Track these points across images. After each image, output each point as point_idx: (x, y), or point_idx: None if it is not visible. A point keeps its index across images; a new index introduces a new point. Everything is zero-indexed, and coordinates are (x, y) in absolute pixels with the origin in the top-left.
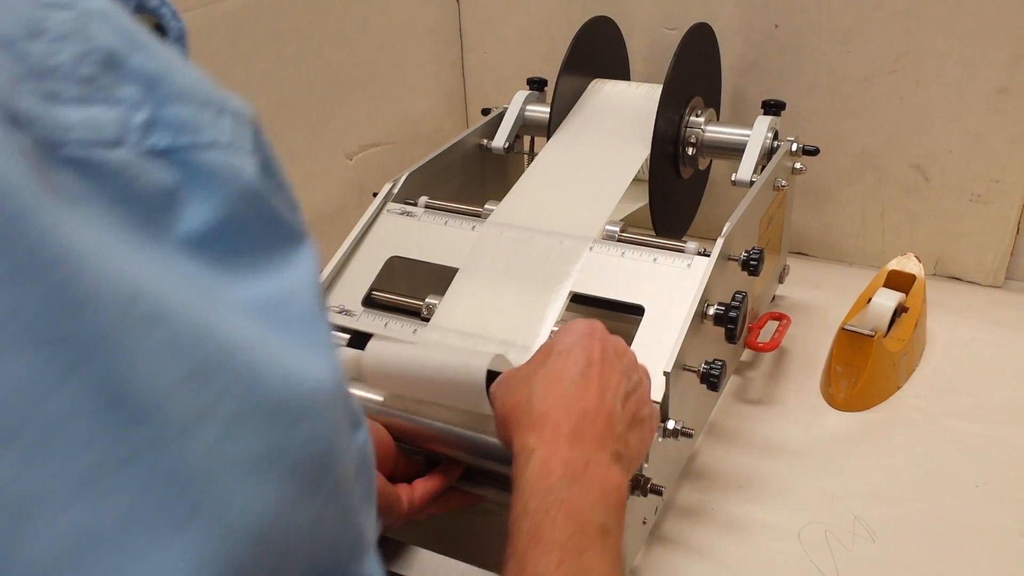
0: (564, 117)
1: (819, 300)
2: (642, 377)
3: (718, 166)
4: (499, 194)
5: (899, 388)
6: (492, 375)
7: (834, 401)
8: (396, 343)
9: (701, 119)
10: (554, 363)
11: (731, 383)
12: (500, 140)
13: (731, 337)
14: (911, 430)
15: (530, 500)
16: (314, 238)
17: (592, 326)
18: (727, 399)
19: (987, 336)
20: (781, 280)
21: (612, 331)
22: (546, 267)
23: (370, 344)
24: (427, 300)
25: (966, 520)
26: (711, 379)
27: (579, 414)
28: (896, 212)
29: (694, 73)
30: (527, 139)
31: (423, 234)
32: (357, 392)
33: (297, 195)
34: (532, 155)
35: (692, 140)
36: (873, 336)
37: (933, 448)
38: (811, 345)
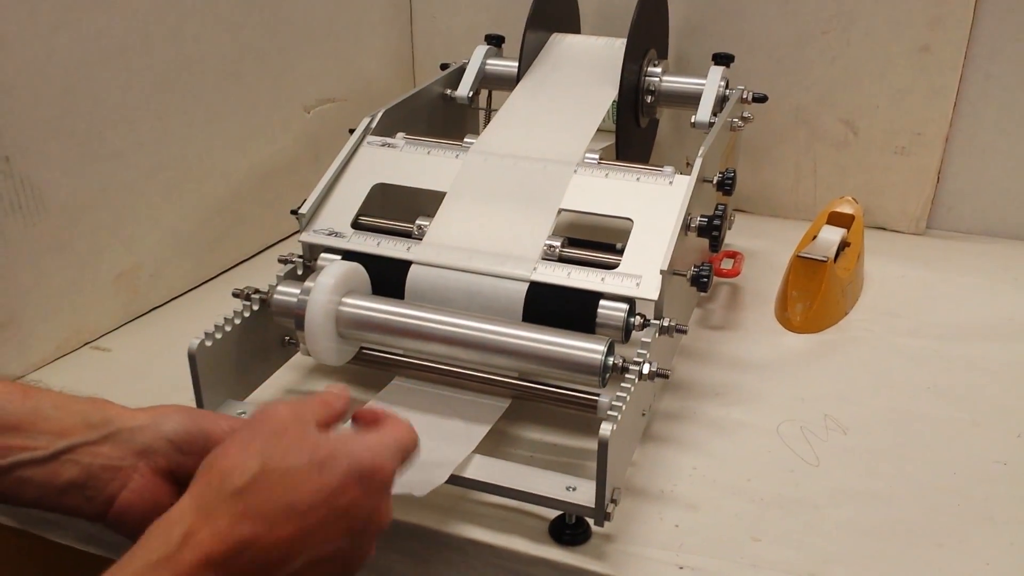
0: (529, 67)
1: (761, 246)
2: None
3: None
4: None
5: (846, 314)
6: None
7: (790, 324)
8: None
9: (658, 69)
10: (309, 471)
11: (694, 314)
12: (464, 89)
13: (714, 246)
14: (863, 346)
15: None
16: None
17: (381, 473)
18: (693, 326)
19: (915, 273)
20: (728, 227)
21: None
22: (534, 187)
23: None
24: (417, 222)
25: (924, 414)
26: (701, 280)
27: (257, 535)
28: (827, 166)
29: (650, 27)
30: (484, 95)
31: (406, 163)
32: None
33: (258, 143)
34: (490, 110)
35: (651, 88)
36: (826, 261)
37: (885, 359)
38: (760, 282)
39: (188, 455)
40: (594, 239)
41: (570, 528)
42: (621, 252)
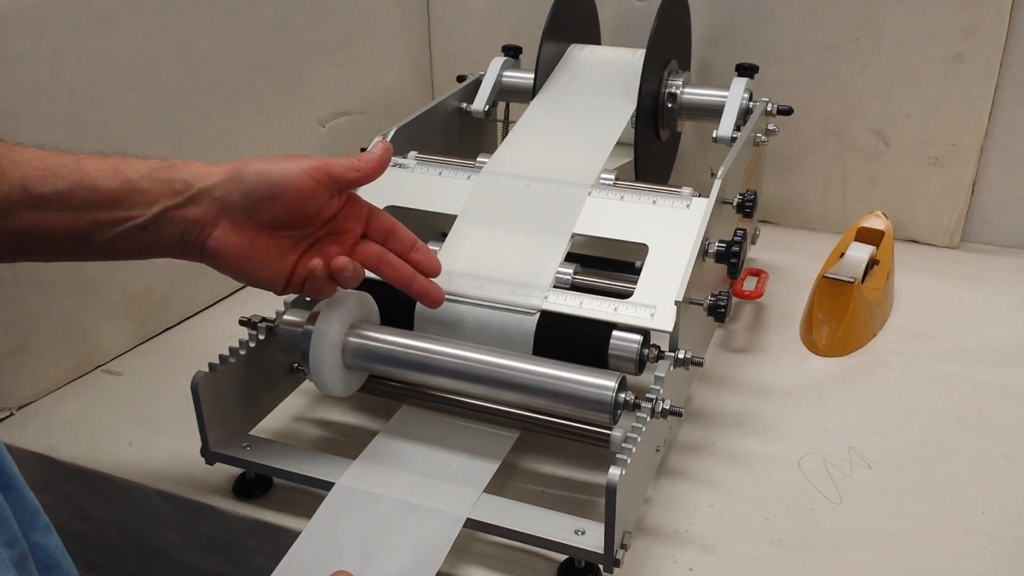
0: (546, 80)
1: (788, 261)
2: None
3: (684, 136)
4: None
5: (875, 335)
6: None
7: (815, 347)
8: None
9: (679, 80)
10: None
11: (716, 335)
12: (480, 103)
13: (733, 272)
14: (891, 371)
15: None
16: None
17: None
18: (714, 349)
19: (949, 290)
20: (753, 242)
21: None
22: (547, 211)
23: None
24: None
25: (953, 447)
26: (719, 310)
27: None
28: (857, 177)
29: (671, 36)
30: (502, 107)
31: (417, 184)
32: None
33: None
34: (507, 122)
35: (672, 100)
36: (853, 282)
37: (913, 386)
38: (786, 300)
39: (258, 201)
40: (612, 254)
41: (579, 572)
42: (639, 272)
